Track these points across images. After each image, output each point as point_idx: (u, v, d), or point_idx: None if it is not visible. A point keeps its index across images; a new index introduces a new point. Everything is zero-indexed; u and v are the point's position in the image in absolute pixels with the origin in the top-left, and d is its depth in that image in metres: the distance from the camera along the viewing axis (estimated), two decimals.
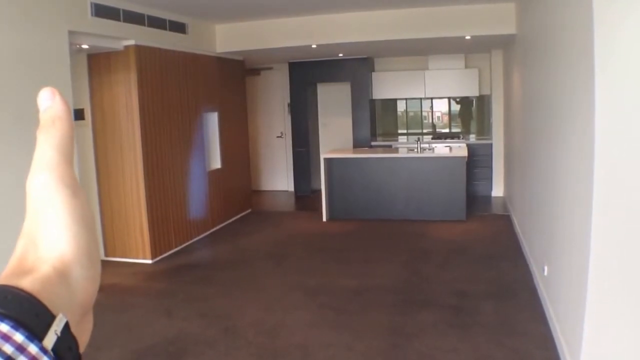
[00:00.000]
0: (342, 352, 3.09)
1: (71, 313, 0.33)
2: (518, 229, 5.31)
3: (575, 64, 2.59)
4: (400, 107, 8.45)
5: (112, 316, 3.70)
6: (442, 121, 8.37)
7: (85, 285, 0.35)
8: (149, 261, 4.95)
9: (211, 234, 5.99)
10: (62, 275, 0.34)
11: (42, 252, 0.35)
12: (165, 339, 3.33)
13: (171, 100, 5.28)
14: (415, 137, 7.56)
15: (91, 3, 4.18)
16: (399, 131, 8.46)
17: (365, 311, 3.66)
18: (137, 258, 4.98)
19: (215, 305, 3.89)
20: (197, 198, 5.76)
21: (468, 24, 5.47)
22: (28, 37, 3.54)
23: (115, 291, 4.23)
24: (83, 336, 0.35)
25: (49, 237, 0.35)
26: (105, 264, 4.86)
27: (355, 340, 3.20)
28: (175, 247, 5.36)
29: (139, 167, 4.84)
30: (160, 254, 5.10)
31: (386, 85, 7.91)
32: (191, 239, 5.64)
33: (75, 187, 0.37)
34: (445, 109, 8.32)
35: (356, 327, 3.40)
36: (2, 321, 0.29)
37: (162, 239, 5.12)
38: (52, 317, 0.31)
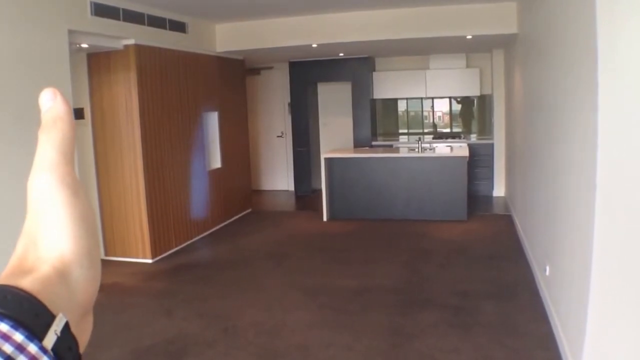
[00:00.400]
0: (343, 352, 3.08)
1: (71, 313, 0.33)
2: (519, 228, 5.29)
3: (577, 64, 2.58)
4: (401, 106, 8.44)
5: (111, 316, 3.69)
6: (443, 121, 8.35)
7: (85, 286, 0.35)
8: (149, 261, 4.95)
9: (211, 233, 5.99)
10: (62, 275, 0.34)
11: (43, 252, 0.35)
12: (165, 338, 3.32)
13: (171, 99, 5.27)
14: (416, 137, 7.55)
15: (91, 2, 4.17)
16: (400, 131, 8.45)
17: (365, 311, 3.65)
18: (137, 257, 4.97)
19: (215, 305, 3.88)
20: (197, 198, 5.75)
21: (469, 24, 5.46)
22: (28, 36, 3.53)
23: (115, 291, 4.22)
24: (83, 336, 0.35)
25: (49, 237, 0.35)
26: (105, 263, 4.85)
27: (356, 341, 3.19)
28: (175, 246, 5.35)
29: (139, 167, 4.83)
30: (161, 254, 5.09)
31: (387, 85, 7.89)
32: (191, 239, 5.63)
33: (76, 187, 0.37)
34: (446, 108, 8.30)
35: (356, 327, 3.39)
36: (2, 321, 0.29)
37: (162, 239, 5.11)
38: (52, 317, 0.31)
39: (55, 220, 0.35)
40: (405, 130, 8.43)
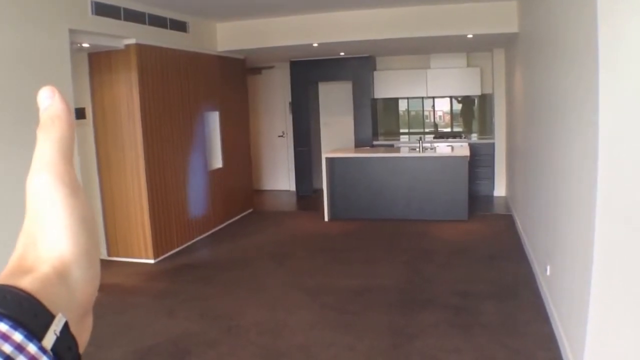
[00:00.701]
0: (344, 352, 3.08)
1: (70, 313, 0.33)
2: (520, 228, 5.29)
3: (578, 63, 2.57)
4: (402, 106, 8.43)
5: (114, 316, 3.70)
6: (444, 120, 8.35)
7: (84, 286, 0.35)
8: (151, 261, 4.96)
9: (213, 233, 5.99)
10: (61, 275, 0.34)
11: (42, 252, 0.35)
12: (167, 338, 3.33)
13: (172, 99, 5.27)
14: (417, 137, 7.54)
15: (92, 1, 4.17)
16: (401, 130, 8.45)
17: (367, 311, 3.65)
18: (139, 258, 4.98)
19: (217, 305, 3.88)
20: (198, 198, 5.76)
21: (470, 23, 5.45)
22: (29, 36, 3.53)
23: (117, 291, 4.23)
24: (83, 336, 0.35)
25: (48, 237, 0.35)
26: (108, 263, 4.88)
27: (357, 341, 3.19)
28: (177, 246, 5.36)
29: (141, 167, 4.83)
30: (163, 254, 5.10)
31: (388, 84, 7.89)
32: (193, 239, 5.64)
33: (75, 187, 0.37)
34: (447, 108, 8.30)
35: (358, 327, 3.39)
36: (1, 320, 0.29)
37: (164, 239, 5.12)
38: (51, 317, 0.31)
39: (54, 221, 0.35)
40: (406, 130, 8.42)
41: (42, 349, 0.30)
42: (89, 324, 0.37)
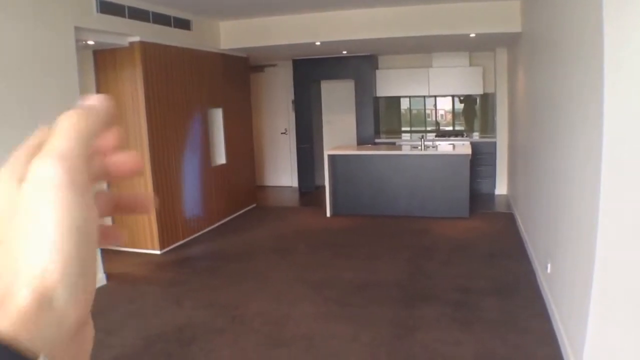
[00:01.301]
0: (347, 343, 3.12)
1: (61, 338, 0.28)
2: (521, 226, 5.32)
3: (584, 63, 2.56)
4: (404, 104, 8.46)
5: (123, 304, 3.80)
6: (445, 119, 8.37)
7: (75, 304, 0.29)
8: (158, 252, 5.07)
9: (216, 227, 6.05)
10: (44, 300, 0.27)
11: (20, 267, 0.27)
12: (174, 326, 3.42)
13: (176, 96, 5.31)
14: (419, 135, 7.57)
15: (97, 0, 4.20)
16: (403, 129, 8.47)
17: (369, 305, 3.69)
18: (146, 249, 5.09)
19: (221, 295, 3.95)
20: (202, 192, 5.82)
21: (473, 22, 5.48)
22: (35, 34, 3.56)
23: (126, 280, 4.35)
24: (84, 346, 0.31)
25: (29, 248, 0.28)
26: (116, 253, 5.01)
27: (360, 332, 3.24)
28: (182, 239, 5.45)
29: (146, 162, 4.89)
30: (168, 246, 5.21)
31: (390, 83, 7.92)
32: (197, 232, 5.72)
33: (83, 187, 0.30)
34: (449, 107, 8.32)
35: (361, 319, 3.44)
36: None
37: (170, 231, 5.22)
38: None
39: (41, 225, 0.28)
40: (408, 128, 8.45)
41: None
42: (89, 332, 0.32)
